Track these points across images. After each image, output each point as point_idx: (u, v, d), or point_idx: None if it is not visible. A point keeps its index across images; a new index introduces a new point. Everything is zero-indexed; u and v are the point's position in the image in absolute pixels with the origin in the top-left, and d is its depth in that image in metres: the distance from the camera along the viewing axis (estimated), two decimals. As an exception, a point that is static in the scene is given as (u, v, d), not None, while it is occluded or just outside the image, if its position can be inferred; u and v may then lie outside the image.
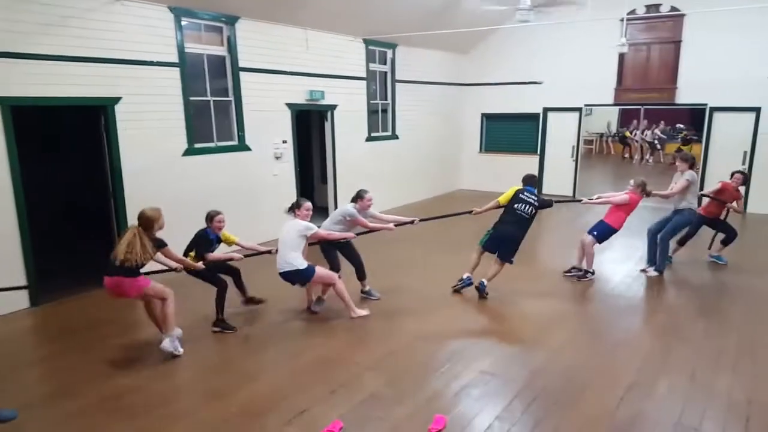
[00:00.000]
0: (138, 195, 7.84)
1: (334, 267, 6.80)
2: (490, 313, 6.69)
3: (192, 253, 6.06)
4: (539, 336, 6.01)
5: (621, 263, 8.54)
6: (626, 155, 23.03)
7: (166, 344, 5.47)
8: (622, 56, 12.94)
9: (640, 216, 9.09)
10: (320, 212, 10.00)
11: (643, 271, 8.10)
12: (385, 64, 12.66)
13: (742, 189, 8.33)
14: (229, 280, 6.37)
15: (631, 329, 6.41)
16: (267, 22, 9.48)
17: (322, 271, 6.31)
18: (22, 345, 6.13)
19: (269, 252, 6.39)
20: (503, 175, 15.23)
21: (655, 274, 7.92)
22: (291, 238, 6.08)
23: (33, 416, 4.57)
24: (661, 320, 6.57)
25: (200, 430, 4.35)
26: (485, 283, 7.05)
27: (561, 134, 14.49)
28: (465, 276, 7.21)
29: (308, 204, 6.31)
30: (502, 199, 7.19)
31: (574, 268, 7.94)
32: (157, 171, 8.14)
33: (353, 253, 7.00)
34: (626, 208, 7.54)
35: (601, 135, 24.94)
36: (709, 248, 8.57)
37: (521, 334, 6.05)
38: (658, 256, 7.94)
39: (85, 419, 4.52)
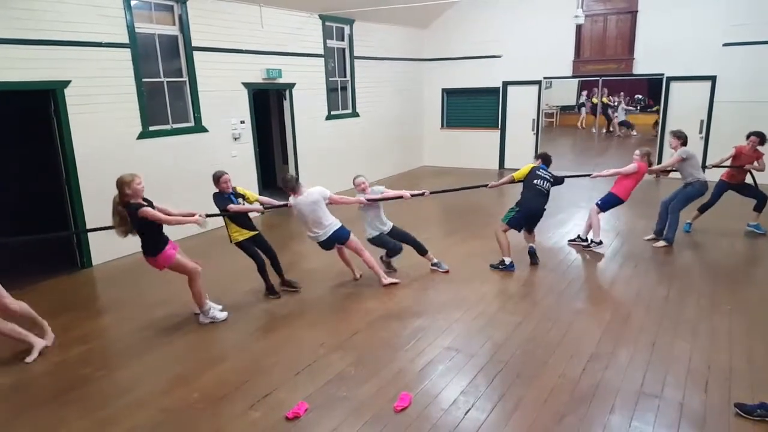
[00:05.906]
0: (93, 181, 7.66)
1: (392, 248, 7.02)
2: (452, 289, 6.69)
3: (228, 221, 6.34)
4: (502, 310, 6.06)
5: (573, 234, 8.59)
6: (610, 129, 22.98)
7: (202, 319, 5.86)
8: (579, 28, 12.99)
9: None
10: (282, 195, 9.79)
11: (650, 240, 8.22)
12: (342, 40, 12.49)
13: (762, 148, 8.15)
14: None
15: (591, 300, 6.50)
16: (219, -1, 9.25)
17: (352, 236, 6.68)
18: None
19: (285, 206, 6.65)
20: (465, 150, 15.33)
21: (663, 244, 8.00)
22: (319, 207, 6.38)
23: (-13, 412, 4.45)
24: (622, 290, 6.67)
25: (163, 417, 4.27)
26: (535, 248, 7.43)
27: (521, 108, 14.54)
28: (508, 261, 7.21)
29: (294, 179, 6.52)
30: (518, 175, 7.35)
31: (578, 237, 8.18)
32: (112, 155, 7.91)
33: (402, 233, 7.10)
34: (635, 177, 7.63)
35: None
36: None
37: (484, 309, 6.07)
38: (667, 227, 8.01)
39: (43, 411, 4.40)
